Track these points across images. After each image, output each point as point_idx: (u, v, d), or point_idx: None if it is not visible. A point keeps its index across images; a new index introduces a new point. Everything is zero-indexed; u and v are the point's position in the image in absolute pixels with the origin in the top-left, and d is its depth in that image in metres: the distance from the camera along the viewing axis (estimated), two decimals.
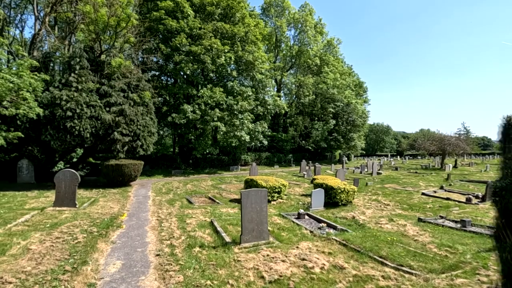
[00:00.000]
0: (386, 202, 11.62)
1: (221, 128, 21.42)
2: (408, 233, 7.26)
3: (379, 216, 9.46)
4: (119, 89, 14.94)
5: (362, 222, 8.67)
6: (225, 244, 6.34)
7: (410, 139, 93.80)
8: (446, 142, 28.14)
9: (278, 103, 27.24)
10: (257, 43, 24.69)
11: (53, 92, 12.50)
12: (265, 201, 6.75)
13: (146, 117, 15.46)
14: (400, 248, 6.05)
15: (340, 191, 10.54)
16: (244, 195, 6.50)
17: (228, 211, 9.97)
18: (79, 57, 13.41)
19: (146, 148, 15.24)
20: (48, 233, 6.42)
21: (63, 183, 9.01)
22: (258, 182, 11.59)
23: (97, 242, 6.24)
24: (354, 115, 36.81)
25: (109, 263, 5.31)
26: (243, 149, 27.39)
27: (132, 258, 5.61)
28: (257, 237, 6.55)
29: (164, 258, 5.58)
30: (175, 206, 10.56)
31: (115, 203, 10.90)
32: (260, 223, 6.64)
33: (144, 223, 8.16)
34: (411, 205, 11.03)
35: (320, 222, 8.66)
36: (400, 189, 15.04)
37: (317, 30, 35.90)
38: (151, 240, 6.73)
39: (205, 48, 20.29)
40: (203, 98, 20.85)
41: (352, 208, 10.55)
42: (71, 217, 8.10)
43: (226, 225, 7.87)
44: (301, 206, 11.11)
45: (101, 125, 13.55)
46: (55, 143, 12.54)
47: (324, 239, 6.87)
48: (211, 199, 12.41)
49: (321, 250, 6.10)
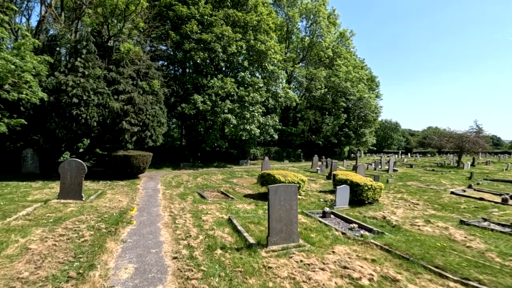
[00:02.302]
0: (414, 201, 10.71)
1: (231, 120, 20.55)
2: (455, 238, 6.38)
3: (412, 217, 8.58)
4: (128, 77, 14.16)
5: (396, 223, 7.81)
6: (250, 246, 5.56)
7: (419, 136, 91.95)
8: (465, 139, 26.83)
9: (289, 95, 26.18)
10: (269, 33, 23.60)
11: (59, 77, 11.75)
12: (295, 198, 5.93)
13: (155, 107, 14.68)
14: (456, 257, 5.19)
15: (367, 188, 9.66)
16: (272, 191, 5.68)
17: (245, 208, 9.21)
18: (86, 41, 12.60)
19: (155, 139, 14.48)
20: (50, 230, 5.70)
21: (69, 174, 8.30)
22: (276, 177, 10.76)
23: (106, 240, 5.51)
24: (366, 110, 35.56)
25: (120, 266, 4.56)
26: (253, 143, 26.52)
27: (146, 261, 4.87)
28: (286, 239, 5.75)
29: (183, 261, 4.82)
30: (187, 201, 9.84)
31: (124, 196, 10.21)
32: (290, 223, 5.83)
33: (156, 219, 7.43)
34: (443, 205, 10.12)
35: (350, 222, 7.83)
36: (424, 187, 14.08)
37: (330, 21, 34.46)
38: (166, 239, 5.98)
39: (216, 36, 19.31)
40: (214, 89, 19.96)
41: (379, 207, 9.68)
42: (77, 211, 7.40)
43: (247, 224, 7.10)
44: (323, 203, 10.27)
45: (108, 113, 12.81)
46: (61, 131, 11.84)
47: (361, 243, 6.04)
48: (224, 194, 11.68)
49: (362, 256, 5.27)
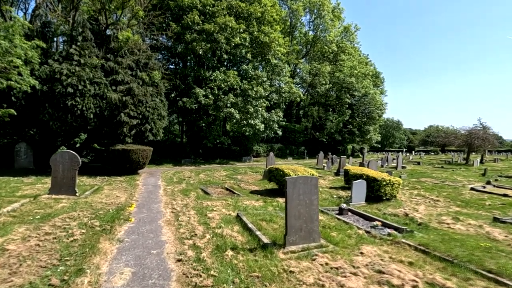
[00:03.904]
0: (433, 198, 9.98)
1: (234, 115, 19.78)
2: (496, 237, 5.66)
3: (436, 214, 7.85)
4: (127, 67, 13.40)
5: (422, 221, 7.08)
6: (265, 247, 4.84)
7: (421, 135, 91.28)
8: (474, 135, 26.06)
9: (293, 90, 25.39)
10: (273, 25, 22.80)
11: (52, 65, 11.00)
12: (315, 192, 5.20)
13: (155, 99, 13.92)
14: (507, 259, 4.46)
15: (385, 183, 8.92)
16: (290, 184, 4.95)
17: (253, 204, 8.49)
18: (82, 27, 11.84)
19: (155, 133, 13.74)
20: (36, 227, 4.97)
21: (61, 166, 7.57)
22: (286, 171, 10.02)
23: (99, 240, 4.78)
24: (371, 107, 34.75)
25: (114, 271, 3.84)
26: (257, 138, 25.75)
27: (146, 264, 4.14)
28: (305, 238, 5.03)
29: (189, 265, 4.10)
30: (190, 197, 9.12)
31: (122, 192, 9.48)
32: (310, 220, 5.10)
33: (157, 216, 6.70)
34: (466, 202, 9.38)
35: (370, 219, 7.11)
36: (440, 183, 13.35)
37: (335, 14, 33.60)
38: (168, 238, 5.26)
39: (219, 26, 18.53)
40: (216, 82, 19.17)
41: (398, 204, 8.94)
42: (69, 207, 6.67)
43: (258, 221, 6.38)
44: (336, 200, 9.54)
45: (106, 105, 12.07)
46: (55, 123, 11.10)
47: (390, 243, 5.32)
48: (229, 190, 10.97)
49: (396, 259, 4.54)
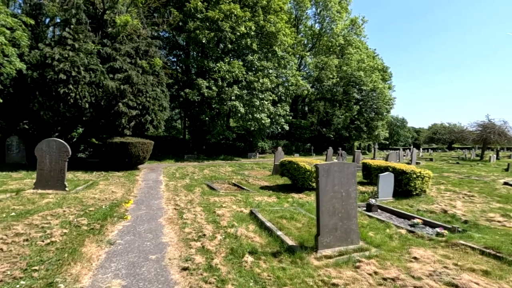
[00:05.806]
0: (466, 193, 8.93)
1: (239, 108, 18.76)
2: None
3: (479, 211, 6.82)
4: (125, 54, 12.42)
5: (466, 219, 6.05)
6: (291, 250, 3.86)
7: (427, 132, 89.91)
8: (489, 130, 24.82)
9: (300, 83, 24.33)
10: (279, 14, 21.74)
11: (44, 49, 10.04)
12: (354, 183, 4.20)
13: (156, 89, 12.94)
14: None
15: (415, 176, 7.87)
16: (323, 171, 3.95)
17: (266, 200, 7.52)
18: (76, 9, 10.87)
19: (156, 125, 12.76)
20: (6, 227, 4.00)
21: (48, 157, 6.63)
22: (300, 164, 9.03)
23: (84, 242, 3.81)
24: (379, 102, 33.56)
25: (99, 284, 2.86)
26: (263, 134, 24.71)
27: (141, 273, 3.16)
28: (342, 239, 4.03)
29: (198, 275, 3.12)
30: (195, 193, 8.15)
31: (119, 187, 8.53)
32: (347, 217, 4.10)
33: (158, 214, 5.72)
34: (505, 197, 8.33)
35: (404, 217, 6.15)
36: (466, 178, 12.27)
37: (342, 5, 32.43)
38: (171, 240, 4.28)
39: (223, 14, 17.50)
40: (220, 73, 18.16)
41: (430, 199, 7.91)
42: (55, 203, 5.71)
43: (277, 219, 5.39)
44: (359, 195, 8.51)
45: (103, 93, 11.11)
46: (46, 113, 10.15)
47: (444, 244, 4.31)
48: (237, 186, 10.00)
49: (464, 266, 3.53)
